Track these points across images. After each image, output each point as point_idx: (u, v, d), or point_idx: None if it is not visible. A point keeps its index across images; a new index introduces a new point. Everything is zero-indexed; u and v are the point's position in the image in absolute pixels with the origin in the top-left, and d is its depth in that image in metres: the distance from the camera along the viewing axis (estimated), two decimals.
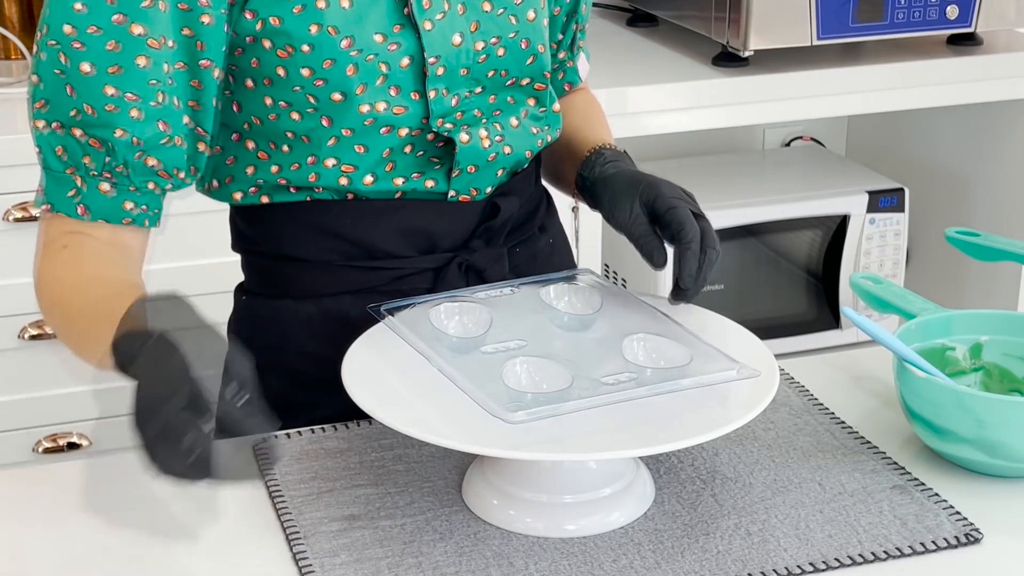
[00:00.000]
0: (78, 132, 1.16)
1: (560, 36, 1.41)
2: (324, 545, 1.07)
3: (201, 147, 1.22)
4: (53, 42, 1.14)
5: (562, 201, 1.44)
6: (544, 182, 1.43)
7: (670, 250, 1.24)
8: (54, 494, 1.16)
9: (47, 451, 2.15)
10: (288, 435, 1.23)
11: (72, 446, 2.16)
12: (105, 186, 1.17)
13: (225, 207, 1.34)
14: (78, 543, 1.09)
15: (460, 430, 1.05)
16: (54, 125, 1.16)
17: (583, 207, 1.38)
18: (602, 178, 1.30)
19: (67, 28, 1.14)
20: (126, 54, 1.14)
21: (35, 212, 1.24)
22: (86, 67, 1.14)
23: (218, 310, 1.28)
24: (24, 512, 1.14)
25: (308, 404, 1.30)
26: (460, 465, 1.17)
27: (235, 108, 1.23)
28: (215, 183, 1.28)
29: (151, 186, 1.19)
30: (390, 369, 1.14)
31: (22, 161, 2.02)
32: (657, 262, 1.23)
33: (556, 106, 1.36)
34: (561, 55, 1.43)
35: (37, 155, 1.19)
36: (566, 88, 1.46)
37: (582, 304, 1.23)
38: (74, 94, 1.15)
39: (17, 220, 2.03)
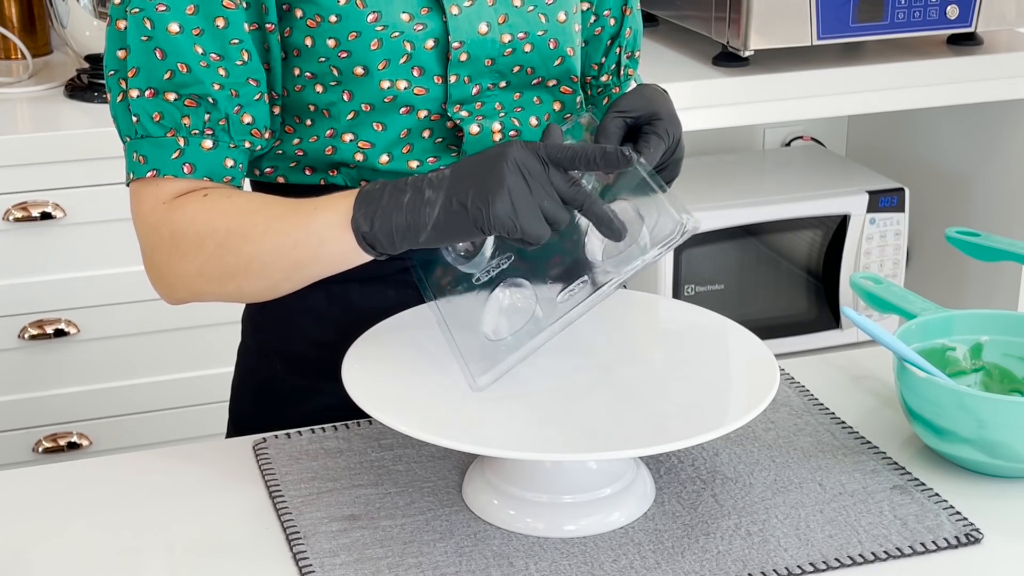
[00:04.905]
0: (171, 96, 1.17)
1: (602, 59, 1.41)
2: (324, 545, 1.07)
3: (276, 110, 1.24)
4: (136, 9, 1.16)
5: None
6: None
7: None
8: (54, 494, 1.16)
9: (47, 451, 2.15)
10: (288, 435, 1.23)
11: (72, 446, 2.16)
12: (207, 143, 1.18)
13: None
14: (78, 543, 1.09)
15: (460, 430, 1.05)
16: (147, 92, 1.17)
17: None
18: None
19: None
20: (205, 16, 1.17)
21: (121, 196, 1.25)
22: (174, 27, 1.16)
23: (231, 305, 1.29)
24: (24, 512, 1.14)
25: (312, 390, 1.31)
26: (460, 465, 1.17)
27: None
28: None
29: (247, 144, 1.20)
30: (390, 369, 1.14)
31: (22, 161, 2.02)
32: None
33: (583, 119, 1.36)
34: (604, 78, 1.42)
35: (134, 122, 1.18)
36: None
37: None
38: (164, 56, 1.16)
39: (17, 220, 2.03)
